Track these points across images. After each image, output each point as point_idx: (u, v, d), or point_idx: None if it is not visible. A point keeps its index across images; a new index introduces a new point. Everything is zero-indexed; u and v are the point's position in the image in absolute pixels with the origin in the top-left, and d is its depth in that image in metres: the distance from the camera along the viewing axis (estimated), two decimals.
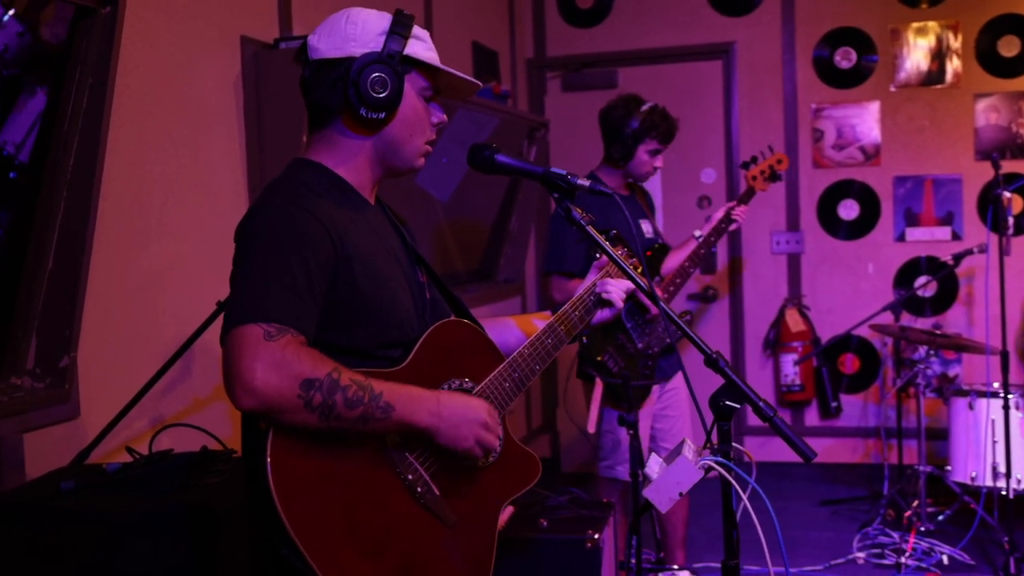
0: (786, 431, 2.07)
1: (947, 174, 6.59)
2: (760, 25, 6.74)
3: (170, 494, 2.49)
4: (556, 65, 6.95)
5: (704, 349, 2.12)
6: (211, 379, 3.57)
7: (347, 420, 1.92)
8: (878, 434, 6.58)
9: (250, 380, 1.82)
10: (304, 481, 1.91)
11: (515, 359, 2.33)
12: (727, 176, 6.83)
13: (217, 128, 3.61)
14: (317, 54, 2.12)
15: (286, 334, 1.88)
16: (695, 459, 2.07)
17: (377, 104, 2.08)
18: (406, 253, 2.28)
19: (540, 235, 6.98)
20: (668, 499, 2.07)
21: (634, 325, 4.28)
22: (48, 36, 3.23)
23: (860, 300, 6.62)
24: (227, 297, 3.04)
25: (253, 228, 2.01)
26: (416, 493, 2.08)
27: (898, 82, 6.63)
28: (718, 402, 2.08)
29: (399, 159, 2.21)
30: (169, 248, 3.37)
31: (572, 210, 2.20)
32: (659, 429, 4.51)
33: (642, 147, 4.35)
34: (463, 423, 2.08)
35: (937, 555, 5.08)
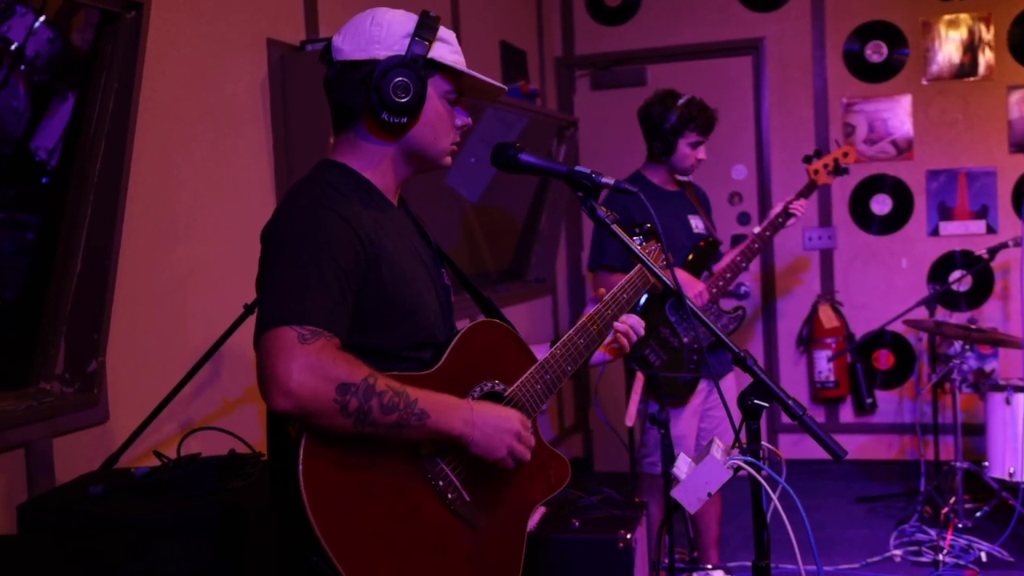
0: (816, 429, 2.05)
1: (981, 167, 6.51)
2: (789, 20, 6.68)
3: (198, 498, 2.49)
4: (585, 63, 6.92)
5: (732, 348, 2.10)
6: (240, 382, 3.57)
7: (382, 426, 1.91)
8: (914, 430, 6.52)
9: (286, 382, 1.82)
10: (336, 489, 1.90)
11: (547, 360, 2.31)
12: (758, 172, 6.78)
13: (244, 131, 3.61)
14: (341, 55, 2.11)
15: (320, 337, 1.88)
16: (724, 459, 2.05)
17: (399, 109, 2.07)
18: (431, 254, 2.27)
19: (571, 234, 6.97)
20: (697, 499, 2.05)
21: (678, 319, 4.26)
22: (79, 42, 3.25)
23: (894, 295, 6.55)
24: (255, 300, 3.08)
25: (281, 230, 2.00)
26: (447, 500, 2.07)
27: (930, 75, 6.55)
28: (747, 401, 2.06)
29: (425, 160, 2.20)
30: (196, 251, 3.38)
31: (596, 209, 2.18)
32: (703, 428, 4.49)
33: (682, 140, 4.36)
34: (496, 433, 2.07)
35: (975, 552, 5.03)
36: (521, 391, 2.25)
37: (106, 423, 3.04)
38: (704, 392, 4.44)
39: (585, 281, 7.02)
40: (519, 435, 2.12)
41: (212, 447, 2.97)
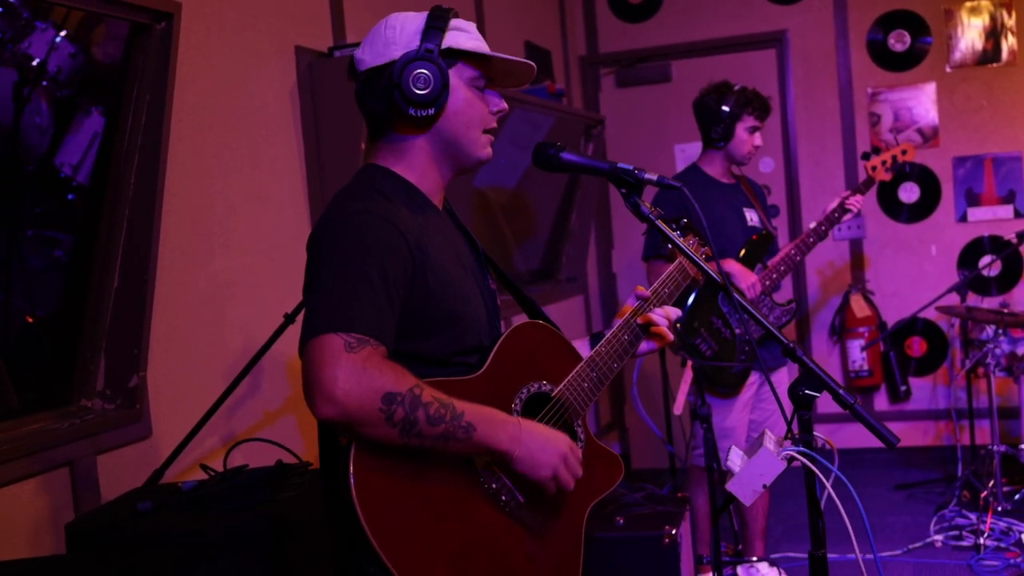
0: (868, 418, 2.04)
1: (1007, 152, 6.48)
2: (812, 12, 6.66)
3: (248, 510, 2.49)
4: (609, 61, 6.91)
5: (781, 339, 2.10)
6: (281, 392, 3.58)
7: (428, 437, 1.89)
8: (949, 416, 6.48)
9: (331, 390, 1.81)
10: (389, 497, 1.89)
11: (593, 358, 2.30)
12: (785, 165, 6.75)
13: (275, 139, 3.62)
14: (364, 65, 2.11)
15: (367, 345, 1.86)
16: (777, 450, 2.04)
17: (422, 101, 2.04)
18: (475, 259, 2.26)
19: (600, 233, 6.96)
20: (752, 492, 2.04)
21: (731, 310, 4.29)
22: (100, 56, 3.26)
23: (924, 283, 6.51)
24: (296, 308, 3.09)
25: (329, 236, 1.99)
26: (501, 502, 2.05)
27: (953, 62, 6.52)
28: (797, 392, 2.06)
29: (461, 153, 2.17)
30: (233, 261, 3.38)
31: (640, 205, 2.16)
32: (754, 420, 4.51)
33: (740, 125, 4.42)
34: (541, 453, 2.04)
35: (1016, 534, 5.03)
36: (568, 390, 2.24)
37: (149, 438, 3.04)
38: (755, 384, 4.46)
39: (617, 279, 7.02)
40: (566, 458, 2.08)
41: (257, 459, 2.98)
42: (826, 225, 4.48)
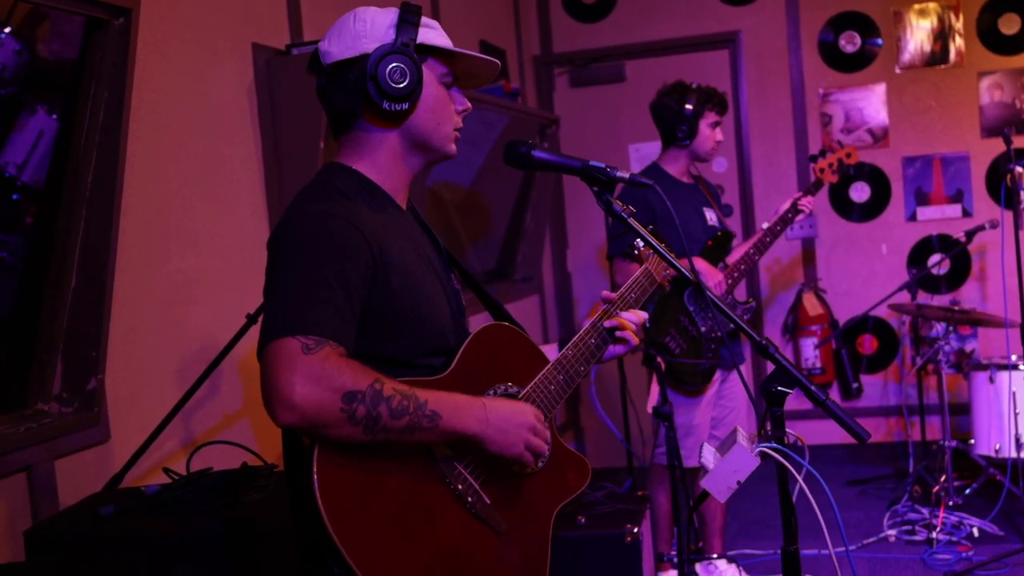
0: (839, 414, 2.05)
1: (955, 152, 6.58)
2: (764, 12, 6.72)
3: (213, 513, 2.45)
4: (563, 61, 6.92)
5: (753, 336, 2.10)
6: (239, 394, 3.54)
7: (393, 431, 1.87)
8: (900, 412, 6.57)
9: (289, 395, 1.78)
10: (353, 498, 1.86)
11: (560, 361, 2.29)
12: (738, 164, 6.80)
13: (233, 137, 3.57)
14: (330, 58, 2.08)
15: (324, 346, 1.83)
16: (750, 447, 2.04)
17: (398, 95, 2.03)
18: (439, 258, 2.24)
19: (555, 233, 6.95)
20: (726, 488, 2.03)
21: (697, 308, 4.33)
22: (46, 53, 3.18)
23: (875, 281, 6.61)
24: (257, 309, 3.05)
25: (288, 238, 1.96)
26: (467, 503, 2.03)
27: (903, 64, 6.61)
28: (770, 388, 2.06)
29: (430, 148, 2.16)
30: (191, 262, 3.33)
31: (612, 203, 2.16)
32: (715, 417, 4.57)
33: (703, 122, 4.47)
34: (511, 428, 2.03)
35: (967, 528, 5.13)
36: (535, 392, 2.22)
37: (108, 442, 2.98)
38: (718, 382, 4.50)
39: (572, 278, 7.03)
40: (534, 428, 2.08)
41: (218, 461, 2.94)
42: (780, 225, 4.53)
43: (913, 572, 4.77)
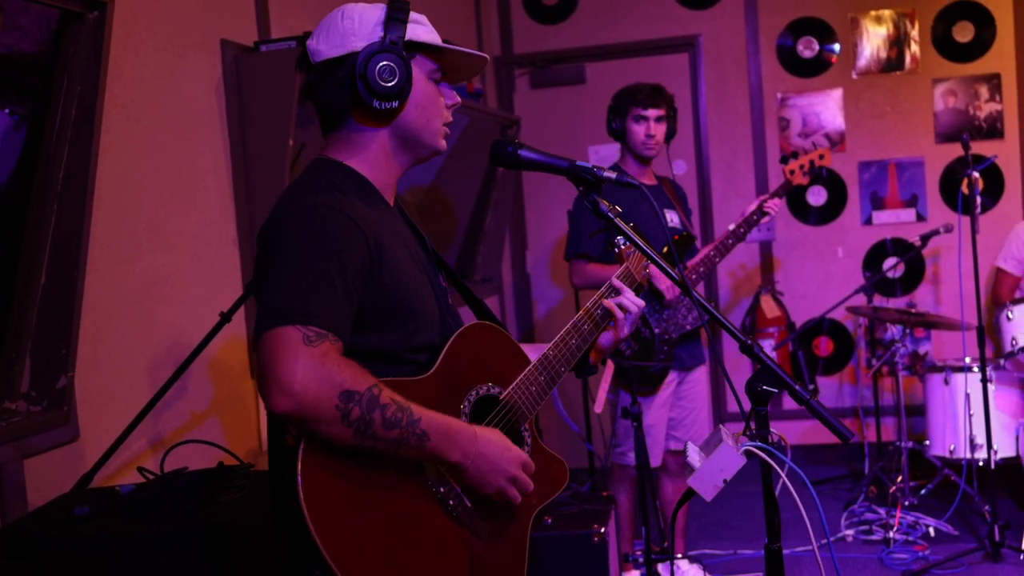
0: (823, 413, 2.08)
1: (910, 157, 6.67)
2: (724, 17, 6.76)
3: (190, 513, 2.42)
4: (524, 62, 6.92)
5: (738, 336, 2.11)
6: (206, 394, 3.51)
7: (381, 440, 1.87)
8: (855, 414, 6.65)
9: (289, 383, 1.78)
10: (336, 498, 1.86)
11: (542, 361, 2.29)
12: (697, 167, 6.84)
13: (201, 133, 3.54)
14: (319, 56, 2.08)
15: (325, 340, 1.84)
16: (736, 445, 2.06)
17: (388, 93, 2.03)
18: (426, 256, 2.24)
19: (515, 234, 6.96)
20: (713, 487, 2.05)
21: (651, 310, 4.34)
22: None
23: (831, 284, 6.68)
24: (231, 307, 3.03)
25: (286, 230, 1.95)
26: (448, 506, 2.03)
27: (859, 69, 6.69)
28: (755, 387, 2.07)
29: (420, 145, 2.16)
30: (160, 259, 3.30)
31: (599, 203, 2.17)
32: (674, 419, 4.55)
33: (629, 119, 4.49)
34: (492, 470, 2.04)
35: (923, 528, 5.21)
36: (517, 393, 2.23)
37: (77, 441, 2.94)
38: (674, 383, 4.51)
39: (531, 279, 7.03)
40: (514, 479, 2.08)
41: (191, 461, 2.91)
42: (744, 227, 4.54)
43: (871, 571, 4.83)
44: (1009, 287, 5.92)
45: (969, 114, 6.57)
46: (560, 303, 6.85)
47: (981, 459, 5.26)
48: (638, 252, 2.58)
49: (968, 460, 5.33)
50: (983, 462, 5.23)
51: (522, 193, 6.96)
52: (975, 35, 6.55)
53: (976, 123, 6.54)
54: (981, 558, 4.79)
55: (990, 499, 4.87)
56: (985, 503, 5.09)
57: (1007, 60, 6.52)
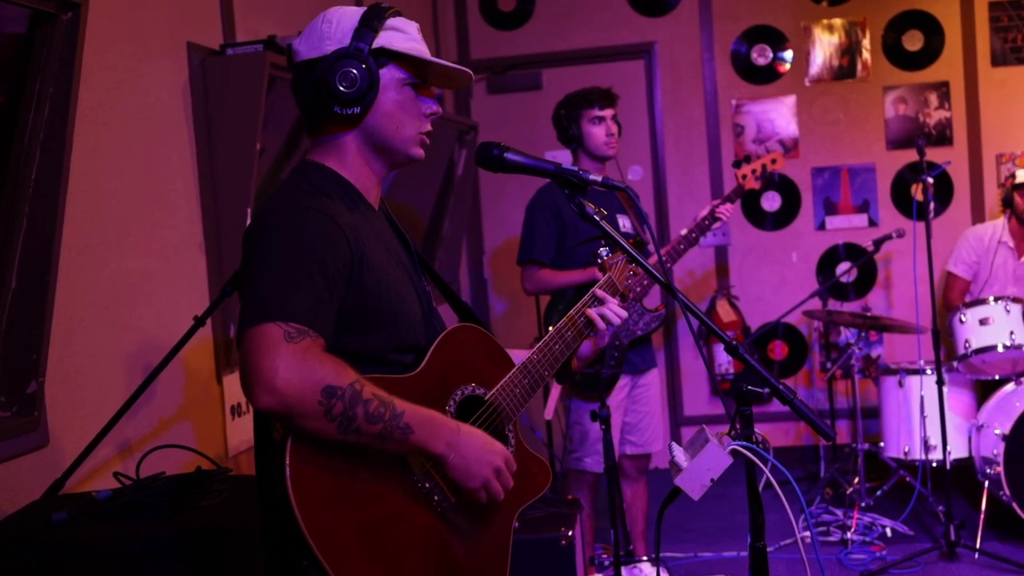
0: (808, 413, 2.10)
1: (862, 163, 6.77)
2: (679, 25, 6.82)
3: (169, 518, 2.40)
4: (481, 67, 6.92)
5: (724, 337, 2.14)
6: (174, 399, 3.48)
7: (365, 435, 1.89)
8: None
9: (271, 379, 1.80)
10: (324, 492, 1.87)
11: (526, 365, 2.32)
12: (653, 173, 6.89)
13: (168, 136, 3.51)
14: (299, 57, 2.11)
15: (306, 336, 1.86)
16: (722, 445, 2.08)
17: (346, 99, 2.05)
18: (410, 259, 2.25)
19: (472, 239, 6.97)
20: (700, 486, 2.07)
21: None
22: None
23: (786, 288, 6.76)
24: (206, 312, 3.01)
25: (268, 230, 1.96)
26: (433, 502, 2.04)
27: (812, 77, 6.78)
28: (741, 387, 2.10)
29: (392, 151, 2.17)
30: (129, 263, 3.26)
31: (585, 205, 2.19)
32: (628, 423, 4.57)
33: (583, 121, 4.48)
34: (476, 464, 2.05)
35: (879, 528, 5.28)
36: (501, 394, 2.25)
37: (46, 447, 2.90)
38: (626, 387, 4.52)
39: (488, 285, 7.04)
40: (499, 471, 2.10)
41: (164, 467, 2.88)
42: (697, 232, 4.56)
43: (830, 572, 4.89)
44: (960, 290, 6.03)
45: (919, 121, 6.69)
46: (517, 309, 6.85)
47: (935, 460, 5.36)
48: (620, 263, 2.62)
49: (923, 461, 5.42)
50: (937, 463, 5.33)
51: (479, 199, 6.97)
52: (924, 44, 6.67)
53: (926, 130, 6.66)
54: (937, 557, 4.87)
55: (945, 499, 4.96)
56: (940, 503, 5.19)
57: (955, 68, 6.65)
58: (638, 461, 4.67)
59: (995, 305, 5.27)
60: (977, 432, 5.24)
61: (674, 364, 6.92)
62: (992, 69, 6.62)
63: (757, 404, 2.06)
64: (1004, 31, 6.59)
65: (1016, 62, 6.60)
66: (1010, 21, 6.58)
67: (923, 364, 5.51)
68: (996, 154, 6.62)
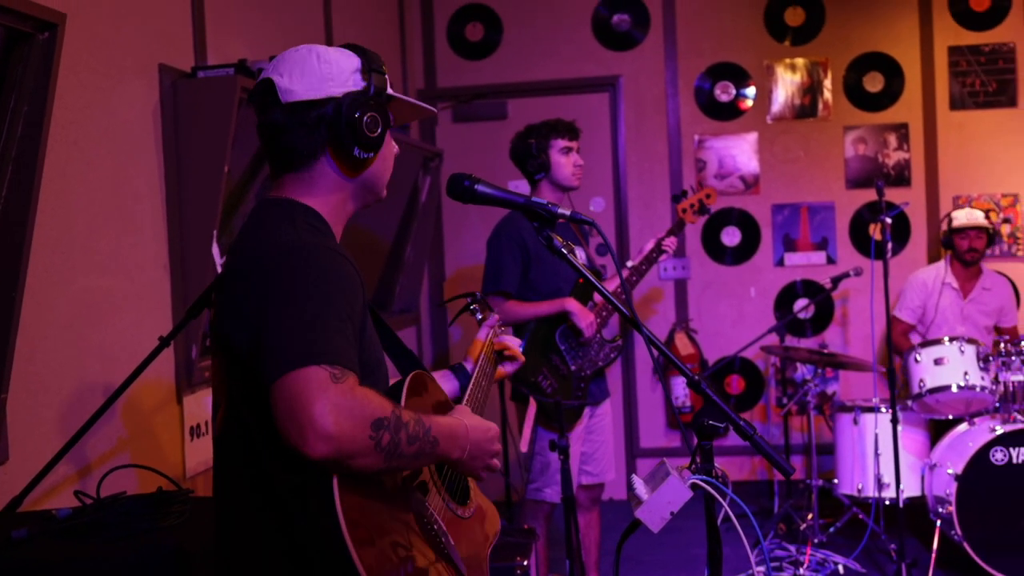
0: (766, 448, 2.14)
1: (821, 202, 6.87)
2: (644, 60, 6.91)
3: (130, 538, 2.38)
4: (447, 96, 6.97)
5: (686, 372, 2.18)
6: (135, 418, 3.47)
7: (406, 457, 1.87)
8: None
9: (324, 426, 1.72)
10: (369, 531, 1.84)
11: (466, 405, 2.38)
12: (615, 205, 6.96)
13: (137, 157, 3.52)
14: (292, 96, 2.04)
15: (349, 376, 1.80)
16: (682, 479, 2.12)
17: (370, 144, 2.06)
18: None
19: (433, 266, 6.99)
20: (660, 519, 2.10)
21: (568, 347, 4.38)
22: None
23: (744, 323, 6.83)
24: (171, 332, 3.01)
25: (294, 265, 1.90)
26: (440, 544, 2.05)
27: (773, 115, 6.88)
28: (701, 422, 2.14)
29: (375, 192, 2.20)
30: (94, 282, 3.26)
31: (553, 239, 2.22)
32: (585, 453, 4.61)
33: (552, 151, 4.51)
34: (480, 456, 2.11)
35: (832, 565, 5.32)
36: None
37: (5, 463, 2.89)
38: (584, 418, 4.55)
39: (448, 311, 7.05)
40: (497, 453, 2.18)
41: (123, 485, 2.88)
42: (645, 264, 4.62)
43: None
44: (902, 332, 6.14)
45: (878, 161, 6.80)
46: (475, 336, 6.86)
47: (888, 498, 5.43)
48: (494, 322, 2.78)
49: (876, 499, 5.49)
50: (890, 501, 5.40)
51: (441, 226, 7.00)
52: (885, 85, 6.80)
53: (885, 170, 6.78)
54: None
55: (897, 537, 5.02)
56: (892, 541, 5.26)
57: (915, 111, 6.78)
58: (592, 491, 4.70)
59: (950, 345, 5.36)
60: (930, 471, 5.32)
61: (631, 395, 6.96)
62: (950, 112, 6.76)
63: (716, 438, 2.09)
64: (963, 75, 6.74)
65: (974, 106, 6.74)
66: (969, 66, 6.73)
67: (878, 402, 5.58)
68: (953, 196, 6.74)
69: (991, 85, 6.74)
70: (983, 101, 6.74)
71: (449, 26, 7.04)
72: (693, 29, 6.90)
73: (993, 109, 6.73)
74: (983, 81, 6.74)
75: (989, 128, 6.73)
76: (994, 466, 5.04)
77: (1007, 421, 5.11)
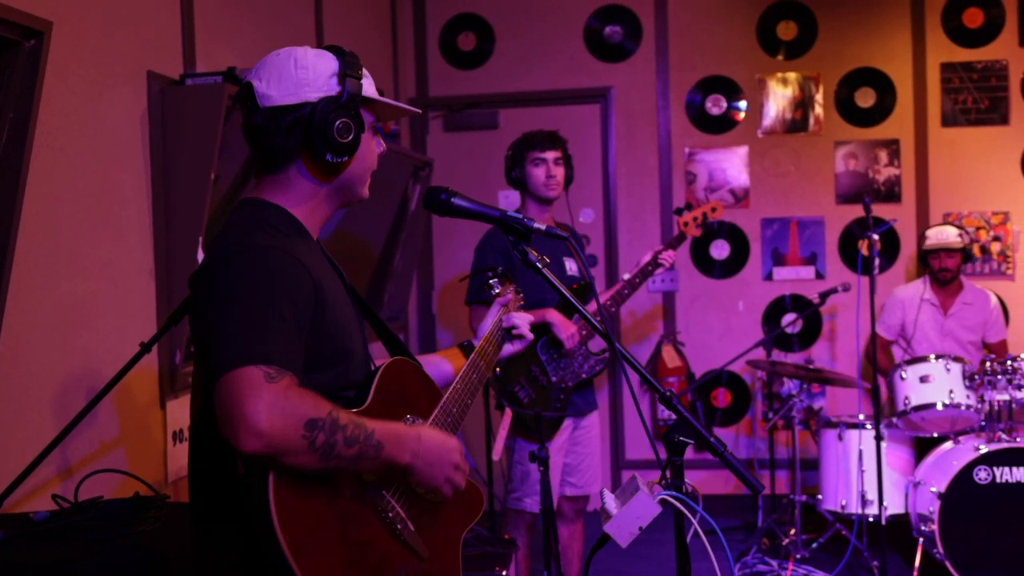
0: (736, 465, 2.17)
1: (811, 216, 6.88)
2: (636, 72, 6.93)
3: (106, 542, 2.41)
4: (438, 105, 6.99)
5: (658, 388, 2.20)
6: (117, 423, 3.48)
7: (344, 459, 1.93)
8: (751, 465, 6.79)
9: (255, 423, 1.81)
10: (307, 526, 1.90)
11: (451, 396, 2.39)
12: (605, 216, 6.97)
13: (124, 163, 3.53)
14: (269, 101, 2.10)
15: (285, 376, 1.88)
16: (651, 494, 2.13)
17: (342, 149, 2.10)
18: (347, 293, 2.29)
19: (422, 274, 7.01)
20: (629, 534, 2.12)
21: (549, 358, 4.40)
22: None
23: (731, 336, 6.85)
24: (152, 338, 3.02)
25: (234, 269, 1.98)
26: (396, 530, 2.09)
27: (764, 129, 6.90)
28: (671, 438, 2.16)
29: (352, 194, 2.24)
30: (78, 286, 3.28)
31: (528, 253, 2.24)
32: (568, 464, 4.61)
33: (527, 164, 4.54)
34: (437, 463, 2.12)
35: None
36: (437, 423, 2.30)
37: None
38: (568, 429, 4.56)
39: (436, 320, 7.08)
40: (457, 465, 2.17)
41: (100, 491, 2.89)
42: (640, 278, 4.64)
43: None
44: (880, 347, 6.15)
45: (869, 177, 6.82)
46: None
47: (871, 515, 5.44)
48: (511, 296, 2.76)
49: (859, 515, 5.49)
50: (873, 518, 5.40)
51: (431, 234, 7.02)
52: (876, 101, 6.82)
53: (875, 186, 6.80)
54: None
55: (879, 554, 5.04)
56: (874, 558, 5.26)
57: (906, 127, 6.80)
58: (576, 503, 4.71)
59: (936, 363, 5.38)
60: (914, 489, 5.33)
61: (617, 407, 6.97)
62: (942, 129, 6.78)
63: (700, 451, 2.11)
64: (955, 92, 6.76)
65: (966, 123, 6.77)
66: (961, 83, 6.76)
67: (863, 418, 5.59)
68: (943, 213, 6.76)
69: (983, 102, 6.76)
70: (975, 118, 6.77)
71: (441, 35, 7.06)
72: (685, 42, 6.92)
73: (985, 127, 6.75)
74: (975, 98, 6.76)
75: (981, 145, 6.75)
76: (978, 485, 5.05)
77: (992, 440, 5.12)
